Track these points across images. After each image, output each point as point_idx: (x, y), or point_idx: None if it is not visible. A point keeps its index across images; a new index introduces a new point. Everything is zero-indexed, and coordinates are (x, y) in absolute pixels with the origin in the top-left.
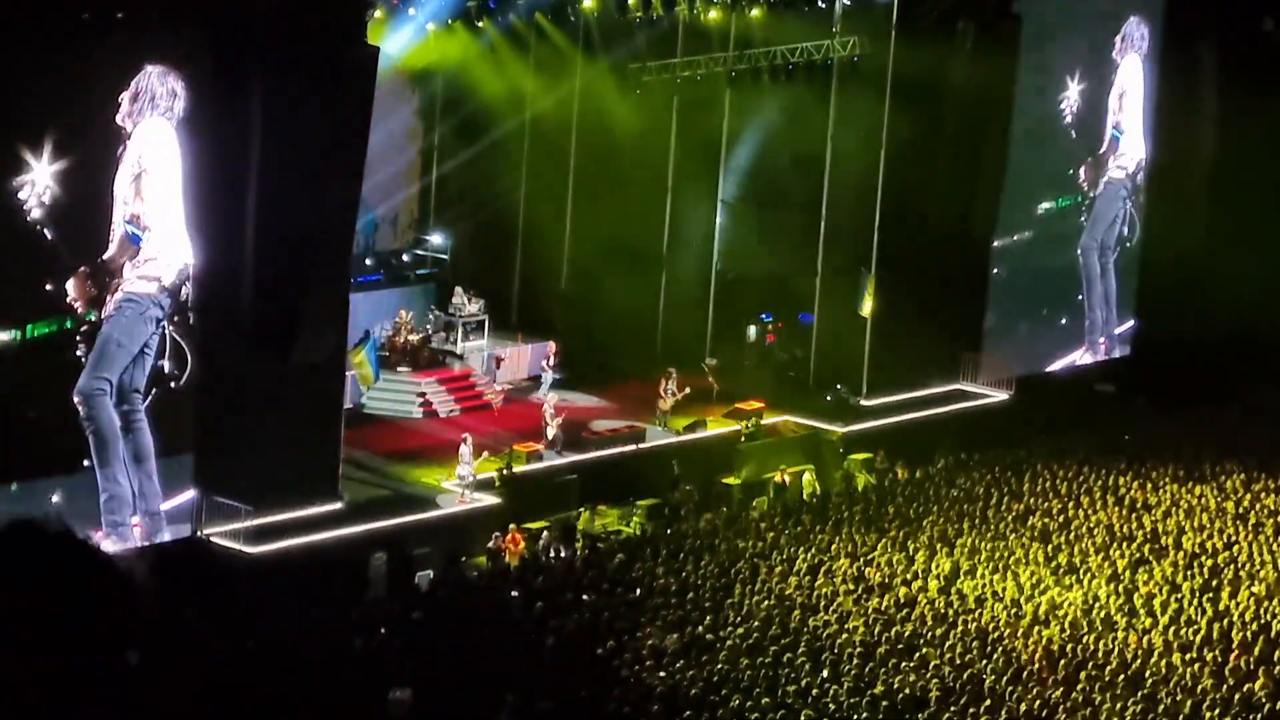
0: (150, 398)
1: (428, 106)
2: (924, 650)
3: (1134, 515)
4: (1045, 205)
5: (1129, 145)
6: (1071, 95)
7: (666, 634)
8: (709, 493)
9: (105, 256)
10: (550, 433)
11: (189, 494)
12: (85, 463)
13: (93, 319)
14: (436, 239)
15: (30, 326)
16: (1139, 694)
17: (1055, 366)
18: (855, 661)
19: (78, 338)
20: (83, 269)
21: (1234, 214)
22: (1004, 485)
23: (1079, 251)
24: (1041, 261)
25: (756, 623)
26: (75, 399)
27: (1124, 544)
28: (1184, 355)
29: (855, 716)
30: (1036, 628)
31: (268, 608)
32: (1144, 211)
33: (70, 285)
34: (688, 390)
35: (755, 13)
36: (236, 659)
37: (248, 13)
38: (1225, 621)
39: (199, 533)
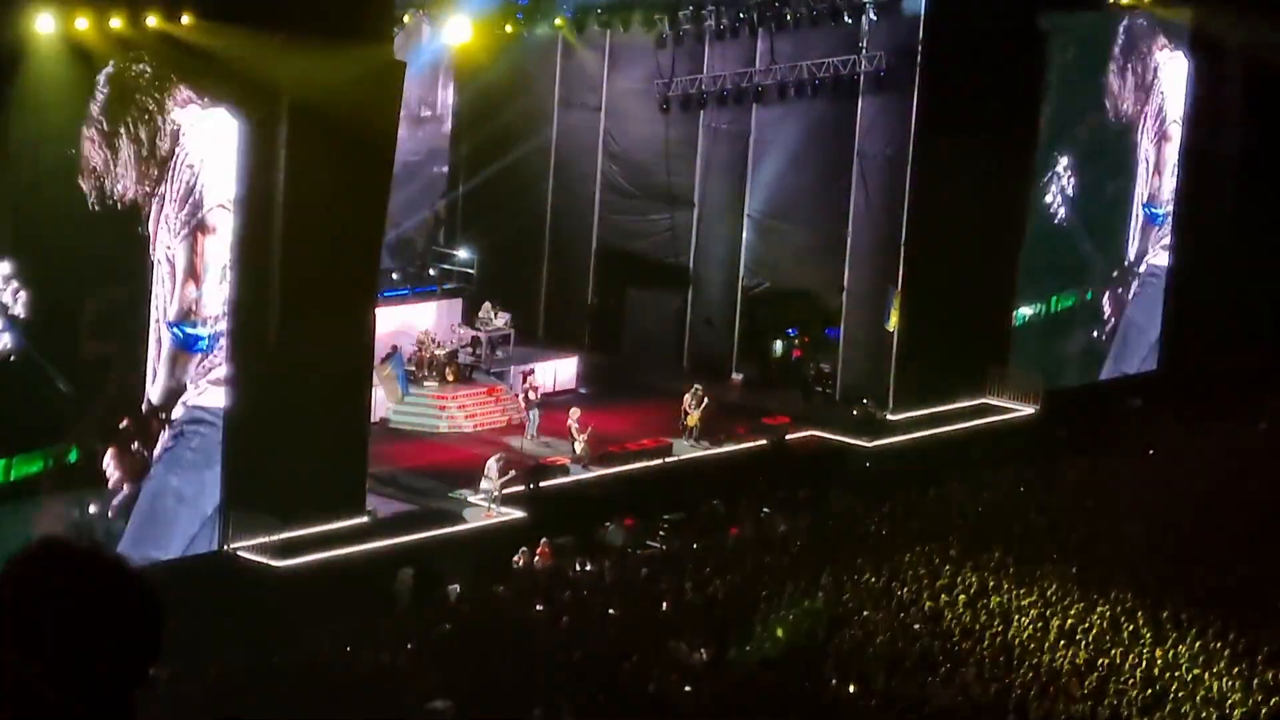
0: None
1: (454, 120)
2: (942, 669)
3: (1160, 530)
4: None
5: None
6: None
7: (693, 648)
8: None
9: None
10: (578, 447)
11: None
12: None
13: None
14: (463, 253)
15: None
16: (1165, 709)
17: None
18: (881, 675)
19: None
20: None
21: (1264, 224)
22: (1030, 499)
23: None
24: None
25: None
26: None
27: (1151, 558)
28: (1211, 369)
29: None
30: (1062, 642)
31: (295, 622)
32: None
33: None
34: (707, 401)
35: (782, 28)
36: (264, 673)
37: (275, 28)
38: (1252, 636)
39: (226, 547)
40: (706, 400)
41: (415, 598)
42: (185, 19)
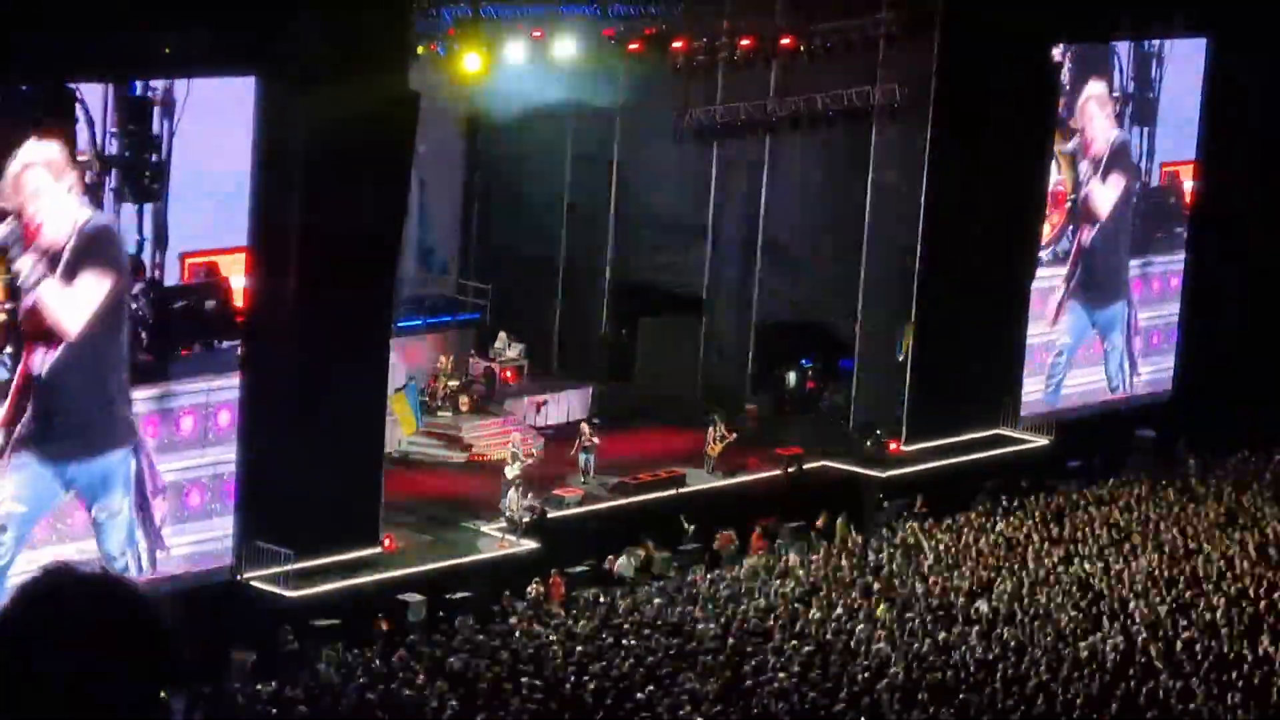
0: None
1: (468, 149)
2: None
3: (1175, 561)
4: None
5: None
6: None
7: (705, 678)
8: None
9: None
10: (581, 460)
11: None
12: None
13: None
14: (477, 284)
15: None
16: None
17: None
18: (896, 707)
19: None
20: None
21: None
22: (1044, 530)
23: None
24: None
25: (796, 667)
26: None
27: (1165, 589)
28: (1225, 398)
29: None
30: (1076, 673)
31: (309, 651)
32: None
33: None
34: (735, 435)
35: (796, 59)
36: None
37: (289, 59)
38: (1266, 668)
39: (239, 576)
40: (735, 434)
41: (428, 629)
42: None
